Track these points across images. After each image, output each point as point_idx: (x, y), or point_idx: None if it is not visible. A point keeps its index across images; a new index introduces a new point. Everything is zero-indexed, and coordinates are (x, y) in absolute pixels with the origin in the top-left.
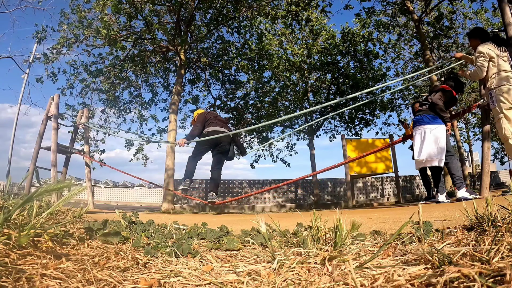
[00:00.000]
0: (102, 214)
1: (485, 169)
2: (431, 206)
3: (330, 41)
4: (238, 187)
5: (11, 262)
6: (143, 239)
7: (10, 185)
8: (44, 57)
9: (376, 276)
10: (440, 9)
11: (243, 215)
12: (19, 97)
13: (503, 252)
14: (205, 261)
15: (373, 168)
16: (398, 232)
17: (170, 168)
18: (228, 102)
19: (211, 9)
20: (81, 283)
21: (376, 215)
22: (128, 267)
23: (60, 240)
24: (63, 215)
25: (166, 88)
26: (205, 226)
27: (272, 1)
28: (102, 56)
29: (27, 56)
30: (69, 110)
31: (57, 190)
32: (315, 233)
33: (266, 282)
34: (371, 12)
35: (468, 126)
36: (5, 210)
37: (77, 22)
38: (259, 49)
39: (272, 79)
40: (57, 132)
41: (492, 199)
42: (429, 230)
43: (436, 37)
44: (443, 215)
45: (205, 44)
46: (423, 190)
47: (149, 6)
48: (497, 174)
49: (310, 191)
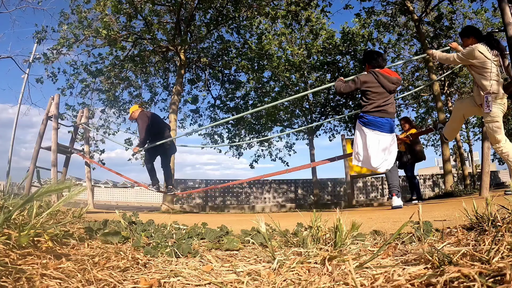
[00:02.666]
0: (102, 214)
1: (485, 169)
2: (431, 206)
3: (330, 41)
4: (238, 187)
5: (11, 262)
6: (143, 239)
7: (10, 185)
8: (44, 57)
9: (376, 276)
10: (440, 9)
11: (243, 215)
12: (19, 97)
13: (503, 252)
14: (205, 261)
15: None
16: (398, 232)
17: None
18: (228, 102)
19: (211, 9)
20: (81, 283)
21: (376, 215)
22: (128, 267)
23: (60, 240)
24: (63, 215)
25: (166, 88)
26: (205, 226)
27: (272, 1)
28: (102, 56)
29: (27, 56)
30: (69, 110)
31: (58, 190)
32: (315, 233)
33: (266, 282)
34: (371, 12)
35: (468, 126)
36: (5, 210)
37: (77, 22)
38: (259, 49)
39: (272, 79)
40: (57, 132)
41: (492, 199)
42: (429, 230)
43: (436, 37)
44: (443, 215)
45: (205, 44)
46: (423, 191)
47: (149, 6)
48: (497, 174)
49: (310, 191)
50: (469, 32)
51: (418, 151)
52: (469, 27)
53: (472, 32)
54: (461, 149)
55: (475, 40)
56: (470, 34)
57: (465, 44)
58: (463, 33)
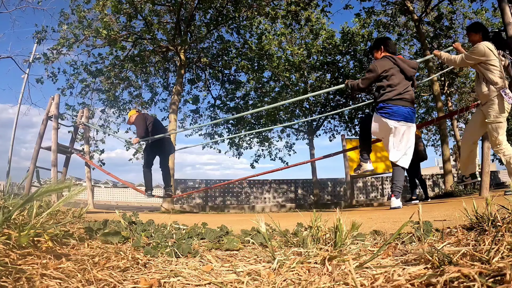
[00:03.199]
0: (102, 214)
1: (485, 169)
2: (431, 206)
3: (330, 41)
4: (238, 187)
5: (11, 262)
6: (143, 239)
7: (10, 185)
8: (44, 57)
9: (376, 276)
10: (440, 9)
11: (243, 215)
12: (19, 97)
13: (503, 252)
14: (205, 261)
15: (373, 168)
16: (398, 232)
17: (170, 168)
18: (228, 102)
19: (211, 9)
20: (81, 283)
21: (376, 215)
22: (128, 267)
23: (60, 240)
24: (63, 215)
25: (166, 88)
26: (205, 226)
27: (272, 1)
28: (102, 56)
29: (27, 56)
30: (69, 110)
31: (58, 190)
32: (315, 233)
33: (266, 282)
34: (371, 12)
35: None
36: (5, 210)
37: (77, 22)
38: (259, 49)
39: (271, 79)
40: (57, 132)
41: (492, 199)
42: (429, 230)
43: (436, 37)
44: (443, 215)
45: (205, 44)
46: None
47: (149, 6)
48: (497, 174)
49: (310, 191)
50: (478, 28)
51: (420, 151)
52: (479, 23)
53: (481, 29)
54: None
55: (482, 38)
56: (479, 30)
57: (471, 39)
58: (473, 28)
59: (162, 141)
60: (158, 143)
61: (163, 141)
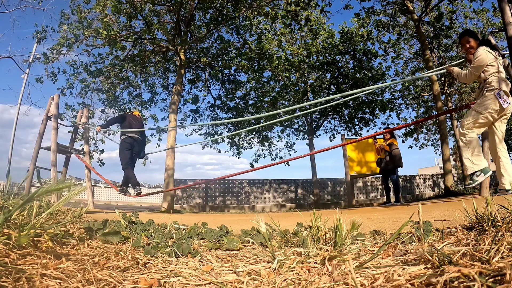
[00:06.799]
0: (102, 214)
1: None
2: (431, 205)
3: (329, 41)
4: (238, 187)
5: (11, 262)
6: (143, 239)
7: (10, 185)
8: (44, 57)
9: (376, 275)
10: (440, 8)
11: (243, 215)
12: (19, 97)
13: (503, 252)
14: (205, 261)
15: (373, 168)
16: (398, 232)
17: (170, 168)
18: (228, 102)
19: (211, 9)
20: (81, 283)
21: (376, 215)
22: (128, 267)
23: (60, 240)
24: (63, 215)
25: (166, 88)
26: (205, 226)
27: (272, 1)
28: (102, 56)
29: (27, 56)
30: (69, 110)
31: (58, 190)
32: (315, 233)
33: (266, 282)
34: (371, 12)
35: None
36: (5, 210)
37: (77, 22)
38: (259, 49)
39: (271, 79)
40: (57, 132)
41: (492, 199)
42: (429, 230)
43: (436, 36)
44: (443, 215)
45: (205, 44)
46: (423, 190)
47: (149, 6)
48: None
49: (310, 191)
50: (474, 34)
51: (397, 158)
52: (468, 30)
53: (473, 35)
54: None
55: (477, 43)
56: (475, 36)
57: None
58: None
59: (136, 143)
60: (132, 143)
61: (137, 143)
